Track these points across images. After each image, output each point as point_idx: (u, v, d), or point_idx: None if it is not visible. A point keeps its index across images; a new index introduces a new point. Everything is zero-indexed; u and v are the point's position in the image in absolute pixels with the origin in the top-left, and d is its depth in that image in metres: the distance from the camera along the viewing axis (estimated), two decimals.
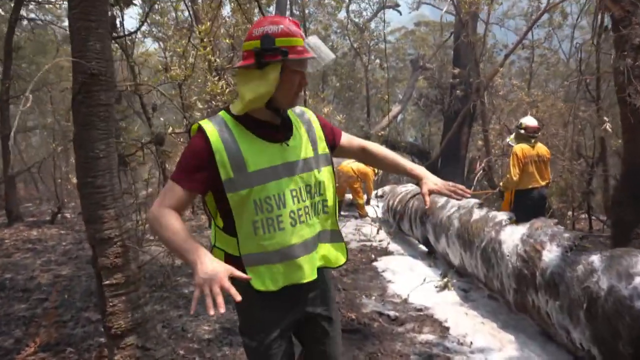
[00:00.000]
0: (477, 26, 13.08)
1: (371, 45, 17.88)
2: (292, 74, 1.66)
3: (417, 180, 1.97)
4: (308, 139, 1.80)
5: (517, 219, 4.28)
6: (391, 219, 7.64)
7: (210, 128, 1.63)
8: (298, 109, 1.87)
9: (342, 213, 9.84)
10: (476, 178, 13.69)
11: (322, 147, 1.85)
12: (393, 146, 14.25)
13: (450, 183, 1.92)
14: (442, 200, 5.51)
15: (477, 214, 4.54)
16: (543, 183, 5.35)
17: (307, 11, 20.10)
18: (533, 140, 5.36)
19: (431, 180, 1.92)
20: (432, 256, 5.74)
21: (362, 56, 16.92)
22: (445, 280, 4.59)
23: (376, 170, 9.85)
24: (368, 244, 6.79)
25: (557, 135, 8.48)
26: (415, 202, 6.32)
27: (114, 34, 3.66)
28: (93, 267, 2.60)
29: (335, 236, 1.89)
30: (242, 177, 1.61)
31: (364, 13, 17.83)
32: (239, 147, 1.62)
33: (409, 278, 5.01)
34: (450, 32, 17.52)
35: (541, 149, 5.41)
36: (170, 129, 3.92)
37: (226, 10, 12.05)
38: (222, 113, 1.72)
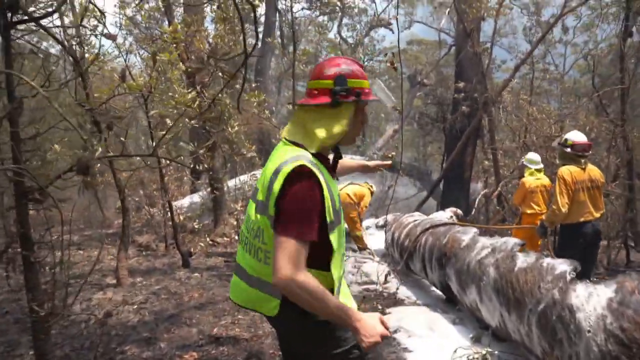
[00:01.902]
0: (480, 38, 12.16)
1: (365, 62, 16.96)
2: (360, 113, 1.83)
3: (368, 169, 2.68)
4: None
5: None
6: (396, 255, 6.48)
7: (316, 172, 1.65)
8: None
9: None
10: (477, 201, 12.56)
11: None
12: (391, 167, 13.16)
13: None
14: (466, 237, 4.38)
15: (523, 260, 3.39)
16: (597, 215, 4.22)
17: (297, 28, 19.24)
18: (583, 161, 4.24)
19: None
20: (454, 307, 4.57)
21: None
22: (484, 353, 3.42)
23: (373, 189, 8.71)
24: (372, 287, 5.61)
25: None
26: (430, 238, 5.16)
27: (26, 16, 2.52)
28: None
29: None
30: (336, 216, 1.72)
31: (358, 27, 16.92)
32: (331, 188, 1.72)
33: (430, 342, 3.84)
34: (449, 46, 16.66)
35: (594, 171, 4.28)
36: (99, 150, 2.77)
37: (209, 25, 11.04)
38: (303, 150, 1.74)
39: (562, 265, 3.06)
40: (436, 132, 14.89)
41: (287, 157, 1.70)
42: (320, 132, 1.73)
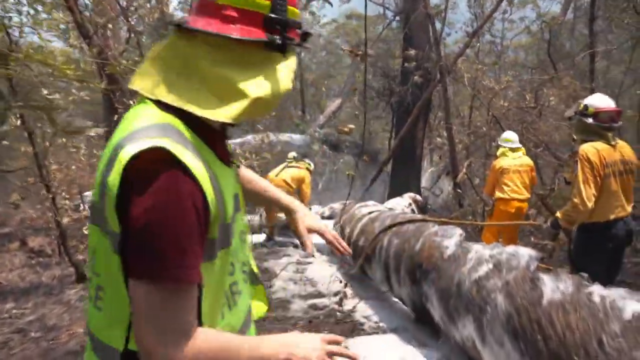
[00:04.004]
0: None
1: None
2: None
3: (290, 214, 1.50)
4: None
5: (585, 270, 2.54)
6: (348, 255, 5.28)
7: (188, 158, 0.90)
8: None
9: (276, 238, 7.40)
10: (424, 180, 11.63)
11: None
12: (336, 146, 11.96)
13: (335, 233, 1.54)
14: (449, 243, 3.20)
15: (553, 288, 2.23)
16: (629, 209, 3.12)
17: None
18: (611, 135, 3.13)
19: (311, 217, 1.50)
20: (433, 336, 3.41)
21: None
22: None
23: (311, 167, 7.42)
24: (320, 302, 4.38)
25: (560, 127, 6.46)
26: (395, 239, 3.97)
27: None
28: None
29: (254, 279, 1.33)
30: (223, 231, 1.01)
31: None
32: (219, 184, 0.99)
33: None
34: (391, 17, 15.55)
35: (625, 148, 3.14)
36: None
37: None
38: (170, 120, 0.96)
39: (630, 303, 1.92)
40: (381, 108, 13.78)
41: (136, 126, 0.94)
42: (254, 90, 0.99)
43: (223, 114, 0.97)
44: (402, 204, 6.91)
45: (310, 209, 7.16)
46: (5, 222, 9.93)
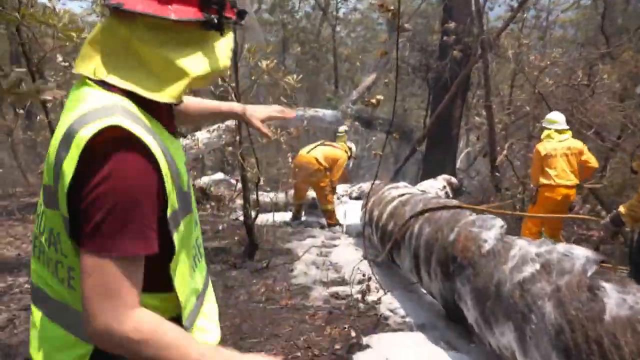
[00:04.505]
0: None
1: (339, 3, 15.02)
2: None
3: (241, 118, 1.59)
4: None
5: None
6: (376, 239, 4.95)
7: (143, 135, 0.93)
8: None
9: (303, 218, 7.13)
10: (459, 161, 11.21)
11: None
12: (368, 122, 11.52)
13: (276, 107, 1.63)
14: (489, 236, 2.82)
15: (618, 300, 1.85)
16: None
17: None
18: None
19: (257, 111, 1.59)
20: (465, 336, 3.06)
21: (328, 15, 14.04)
22: None
23: (351, 151, 7.06)
24: (342, 291, 4.07)
25: (615, 109, 5.88)
26: (426, 226, 3.60)
27: None
28: None
29: None
30: (182, 202, 1.06)
31: None
32: (172, 155, 1.03)
33: None
34: None
35: None
36: None
37: None
38: (116, 96, 0.98)
39: None
40: (418, 84, 13.22)
41: (85, 108, 0.95)
42: (194, 68, 1.01)
43: (167, 94, 0.99)
44: (435, 186, 6.51)
45: (335, 190, 6.80)
46: (36, 192, 9.97)
